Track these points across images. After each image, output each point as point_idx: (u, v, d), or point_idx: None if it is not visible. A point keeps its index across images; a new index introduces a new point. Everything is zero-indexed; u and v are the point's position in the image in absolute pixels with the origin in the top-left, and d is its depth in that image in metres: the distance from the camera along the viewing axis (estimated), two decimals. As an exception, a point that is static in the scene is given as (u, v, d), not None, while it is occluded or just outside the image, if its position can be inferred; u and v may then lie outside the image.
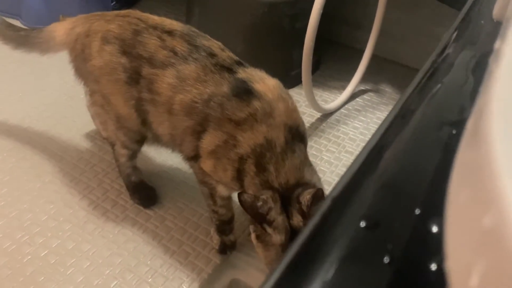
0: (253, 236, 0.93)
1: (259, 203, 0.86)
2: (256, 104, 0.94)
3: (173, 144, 1.11)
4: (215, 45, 1.05)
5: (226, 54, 1.04)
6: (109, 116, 1.18)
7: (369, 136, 1.53)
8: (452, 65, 0.48)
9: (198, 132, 1.00)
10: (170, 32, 1.05)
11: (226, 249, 1.18)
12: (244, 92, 0.96)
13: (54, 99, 1.67)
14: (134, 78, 1.05)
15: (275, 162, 0.91)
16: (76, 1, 2.06)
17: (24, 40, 1.32)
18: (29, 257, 1.15)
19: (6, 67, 1.80)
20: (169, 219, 1.27)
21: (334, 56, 1.97)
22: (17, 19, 2.11)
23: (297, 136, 0.96)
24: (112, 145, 1.27)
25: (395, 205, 0.30)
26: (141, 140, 1.21)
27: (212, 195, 1.08)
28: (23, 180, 1.36)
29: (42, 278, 1.11)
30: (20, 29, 1.36)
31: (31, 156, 1.43)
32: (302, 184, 0.91)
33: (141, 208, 1.29)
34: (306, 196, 0.86)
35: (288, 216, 0.88)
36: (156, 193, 1.32)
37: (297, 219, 0.87)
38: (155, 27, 1.06)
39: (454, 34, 0.55)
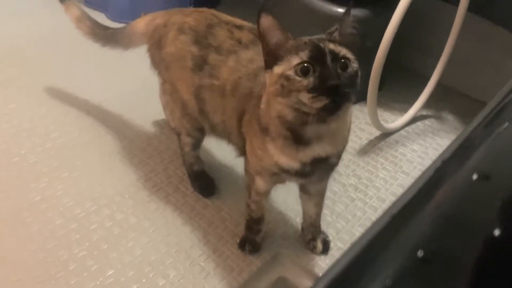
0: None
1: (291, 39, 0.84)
2: None
3: (226, 133, 1.17)
4: None
5: None
6: (176, 104, 1.27)
7: (427, 161, 1.54)
8: None
9: (240, 113, 1.05)
10: (239, 27, 1.13)
11: (245, 245, 1.21)
12: None
13: (130, 88, 1.79)
14: (200, 65, 1.12)
15: None
16: (158, 0, 2.20)
17: (111, 37, 1.44)
18: (96, 225, 1.25)
19: (90, 54, 1.94)
20: (225, 210, 1.33)
21: (398, 79, 1.99)
22: (103, 13, 2.28)
23: None
24: (178, 135, 1.35)
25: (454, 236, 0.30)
26: (202, 129, 1.27)
27: (249, 186, 1.12)
28: (95, 157, 1.47)
29: (106, 246, 1.20)
30: (108, 28, 1.48)
31: (105, 135, 1.55)
32: None
33: (200, 196, 1.36)
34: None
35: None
36: (215, 184, 1.39)
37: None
38: (227, 23, 1.14)
39: None
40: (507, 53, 1.78)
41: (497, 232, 0.24)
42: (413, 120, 1.77)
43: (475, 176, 0.29)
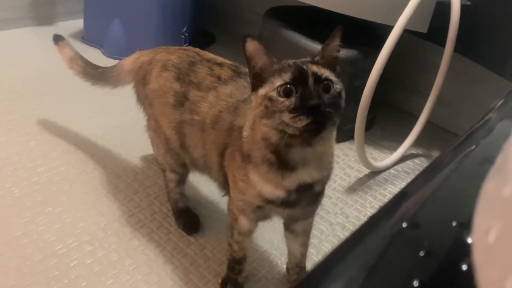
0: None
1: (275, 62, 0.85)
2: None
3: (206, 168, 1.16)
4: None
5: None
6: (160, 140, 1.28)
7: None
8: (491, 130, 0.49)
9: (221, 148, 1.05)
10: (220, 64, 1.15)
11: (227, 286, 1.18)
12: None
13: (119, 122, 1.80)
14: (181, 101, 1.14)
15: None
16: (152, 37, 2.25)
17: (101, 76, 1.47)
18: (76, 262, 1.22)
19: (83, 90, 1.96)
20: (209, 249, 1.31)
21: (388, 118, 2.01)
22: (99, 49, 2.32)
23: None
24: (163, 171, 1.35)
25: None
26: (185, 165, 1.27)
27: (232, 226, 1.10)
28: (81, 191, 1.45)
29: (84, 283, 1.16)
30: (98, 67, 1.51)
31: (92, 170, 1.54)
32: None
33: (184, 233, 1.34)
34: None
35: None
36: (199, 221, 1.37)
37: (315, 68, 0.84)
38: (208, 60, 1.17)
39: (500, 102, 0.57)
40: (496, 94, 1.80)
41: (416, 283, 0.23)
42: (403, 158, 1.77)
43: (404, 224, 0.29)
